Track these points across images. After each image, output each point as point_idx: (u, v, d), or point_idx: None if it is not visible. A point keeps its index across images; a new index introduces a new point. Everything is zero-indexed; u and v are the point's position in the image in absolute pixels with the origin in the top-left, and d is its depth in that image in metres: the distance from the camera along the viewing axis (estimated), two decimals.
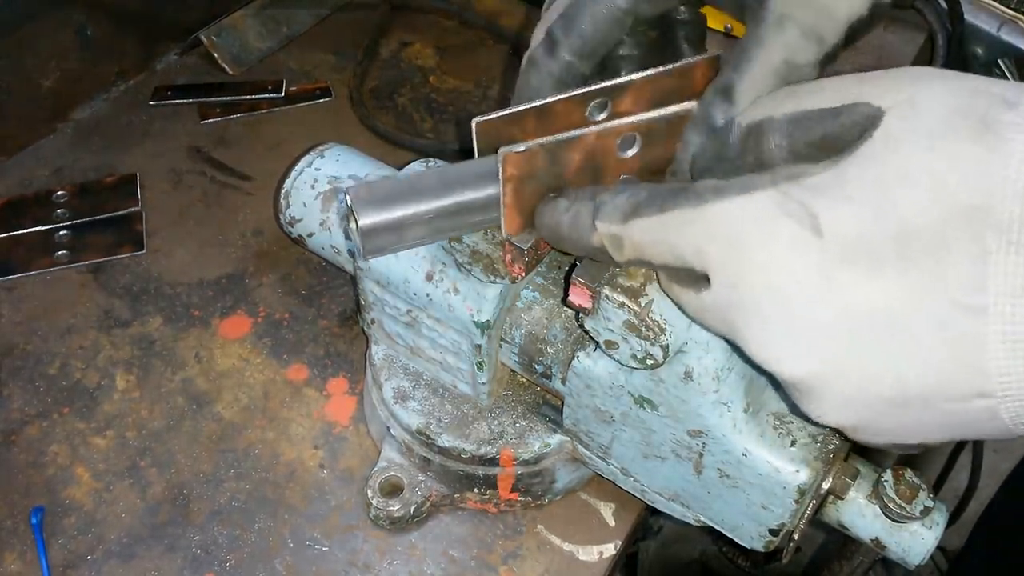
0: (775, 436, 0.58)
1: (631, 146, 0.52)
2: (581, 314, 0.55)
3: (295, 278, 0.92)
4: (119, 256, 0.92)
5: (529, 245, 0.55)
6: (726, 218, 0.43)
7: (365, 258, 0.64)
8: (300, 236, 0.81)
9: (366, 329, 0.76)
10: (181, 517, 0.74)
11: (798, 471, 0.57)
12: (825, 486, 0.59)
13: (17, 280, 0.89)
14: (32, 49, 1.00)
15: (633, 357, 0.54)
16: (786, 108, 0.45)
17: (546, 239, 0.53)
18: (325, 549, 0.72)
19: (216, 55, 1.12)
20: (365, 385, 0.79)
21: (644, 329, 0.52)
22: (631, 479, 0.68)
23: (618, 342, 0.54)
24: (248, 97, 1.09)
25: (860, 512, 0.62)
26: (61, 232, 0.93)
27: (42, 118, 1.03)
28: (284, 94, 1.10)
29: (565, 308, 0.65)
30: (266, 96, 1.09)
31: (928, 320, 0.38)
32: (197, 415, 0.80)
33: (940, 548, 0.93)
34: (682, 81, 0.54)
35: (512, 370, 0.71)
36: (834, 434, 0.59)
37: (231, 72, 1.12)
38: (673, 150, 0.51)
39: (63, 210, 0.95)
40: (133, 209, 0.96)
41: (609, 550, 0.73)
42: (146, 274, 0.91)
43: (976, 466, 1.12)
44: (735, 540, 0.65)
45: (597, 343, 0.55)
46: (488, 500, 0.74)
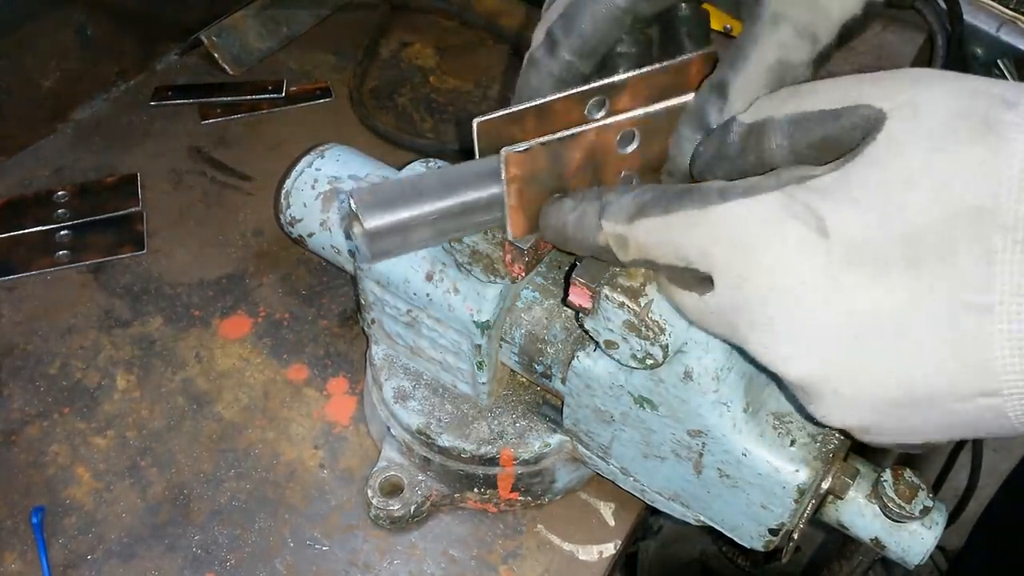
0: (775, 436, 0.58)
1: (630, 142, 0.52)
2: (581, 314, 0.55)
3: (295, 278, 0.92)
4: (119, 256, 0.92)
5: (529, 245, 0.55)
6: (732, 220, 0.43)
7: (370, 262, 0.64)
8: (300, 236, 0.81)
9: (366, 329, 0.76)
10: (181, 517, 0.74)
11: (797, 471, 0.57)
12: (825, 486, 0.59)
13: (17, 280, 0.90)
14: (32, 49, 1.00)
15: (633, 357, 0.54)
16: (787, 108, 0.45)
17: (551, 240, 0.53)
18: (325, 549, 0.73)
19: (216, 55, 1.12)
20: (365, 385, 0.80)
21: (644, 329, 0.52)
22: (631, 479, 0.68)
23: (618, 342, 0.54)
24: (248, 97, 1.09)
25: (859, 512, 0.62)
26: (61, 232, 0.93)
27: (42, 118, 1.03)
28: (284, 94, 1.10)
29: (565, 308, 0.65)
30: (266, 96, 1.10)
31: (934, 321, 0.38)
32: (197, 415, 0.80)
33: (940, 548, 0.93)
34: (678, 78, 0.54)
35: (512, 370, 0.71)
36: (833, 434, 0.59)
37: (231, 72, 1.12)
38: None
39: (63, 210, 0.95)
40: (133, 209, 0.96)
41: (609, 550, 0.74)
42: (146, 274, 0.91)
43: (976, 466, 1.12)
44: (735, 540, 0.65)
45: (597, 343, 0.56)
46: (488, 500, 0.74)
